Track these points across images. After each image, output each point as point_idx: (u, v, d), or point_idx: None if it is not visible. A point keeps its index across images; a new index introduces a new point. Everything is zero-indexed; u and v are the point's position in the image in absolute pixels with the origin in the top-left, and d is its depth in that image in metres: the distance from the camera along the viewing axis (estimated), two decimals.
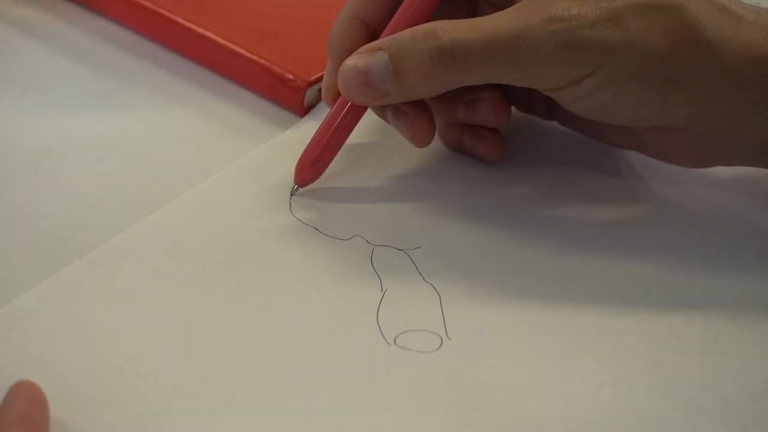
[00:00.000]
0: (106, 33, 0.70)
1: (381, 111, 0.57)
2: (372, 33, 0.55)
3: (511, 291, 0.51)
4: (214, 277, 0.51)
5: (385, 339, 0.49)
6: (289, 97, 0.63)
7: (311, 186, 0.56)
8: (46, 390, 0.44)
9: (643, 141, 0.55)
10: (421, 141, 0.55)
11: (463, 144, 0.58)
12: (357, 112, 0.56)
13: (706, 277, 0.52)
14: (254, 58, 0.64)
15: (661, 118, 0.51)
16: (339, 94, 0.55)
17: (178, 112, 0.63)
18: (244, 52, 0.64)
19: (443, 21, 0.51)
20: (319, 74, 0.62)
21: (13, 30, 0.70)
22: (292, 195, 0.56)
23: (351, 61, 0.52)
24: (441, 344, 0.49)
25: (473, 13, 0.57)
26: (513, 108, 0.58)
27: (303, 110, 0.63)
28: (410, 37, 0.51)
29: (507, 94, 0.57)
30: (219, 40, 0.65)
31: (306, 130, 0.59)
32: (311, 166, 0.56)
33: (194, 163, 0.59)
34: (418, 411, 0.46)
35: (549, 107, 0.58)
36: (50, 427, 0.44)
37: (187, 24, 0.66)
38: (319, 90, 0.63)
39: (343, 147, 0.56)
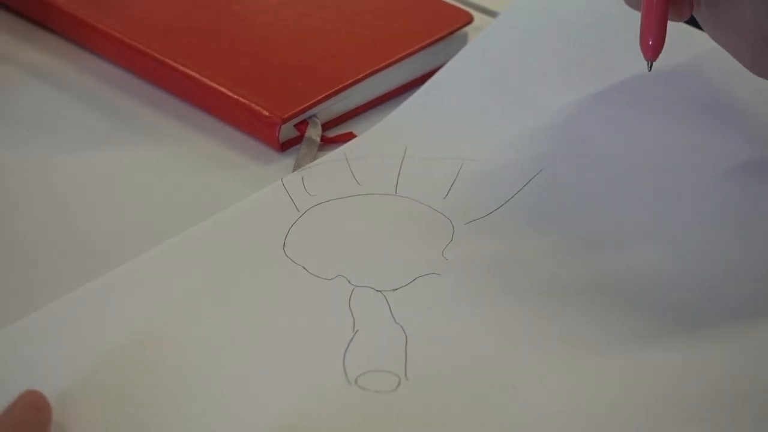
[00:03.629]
0: (105, 73, 0.66)
1: None
2: None
3: (478, 337, 0.47)
4: (197, 310, 0.48)
5: (347, 379, 0.45)
6: (266, 132, 0.59)
7: None
8: (53, 397, 0.43)
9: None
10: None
11: None
12: None
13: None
14: (235, 96, 0.60)
15: None
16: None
17: (167, 147, 0.60)
18: (226, 91, 0.61)
19: None
20: (295, 110, 0.59)
21: (18, 71, 0.67)
22: (649, 70, 0.52)
23: None
24: (398, 385, 0.44)
25: None
26: None
27: (279, 145, 0.59)
28: None
29: None
30: (204, 80, 0.62)
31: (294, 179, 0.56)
32: (656, 37, 0.51)
33: (182, 194, 0.57)
34: None
35: None
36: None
37: (176, 66, 0.63)
38: (294, 126, 0.60)
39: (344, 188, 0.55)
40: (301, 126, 0.59)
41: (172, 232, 0.52)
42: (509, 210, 0.54)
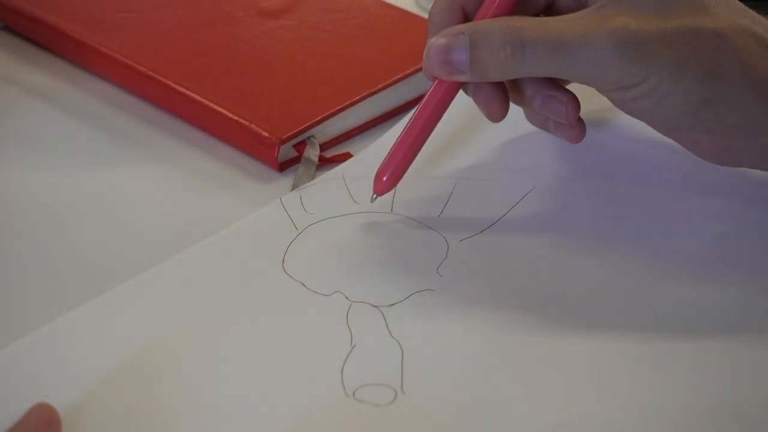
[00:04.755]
0: (107, 94, 0.67)
1: (462, 84, 0.54)
2: (467, 16, 0.54)
3: (473, 351, 0.47)
4: (201, 325, 0.48)
5: (345, 392, 0.45)
6: (265, 152, 0.60)
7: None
8: (63, 411, 0.43)
9: (677, 135, 0.54)
10: (494, 118, 0.55)
11: (549, 126, 0.57)
12: (428, 127, 0.54)
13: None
14: (235, 117, 0.61)
15: (692, 128, 0.51)
16: (399, 138, 0.54)
17: (169, 167, 0.61)
18: (226, 112, 0.62)
19: (520, 18, 0.51)
20: (293, 131, 0.60)
21: (24, 93, 0.68)
22: (371, 202, 0.55)
23: (436, 39, 0.52)
24: (395, 398, 0.45)
25: (550, 4, 0.55)
26: None
27: (278, 165, 0.60)
28: (490, 28, 0.50)
29: None
30: (203, 100, 0.63)
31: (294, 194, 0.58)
32: (389, 177, 0.54)
33: (183, 213, 0.57)
34: None
35: None
36: None
37: (178, 87, 0.64)
38: (293, 146, 0.61)
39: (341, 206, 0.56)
40: (300, 146, 0.60)
41: (174, 250, 0.53)
42: (502, 227, 0.55)
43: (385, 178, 0.54)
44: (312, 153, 0.60)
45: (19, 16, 0.71)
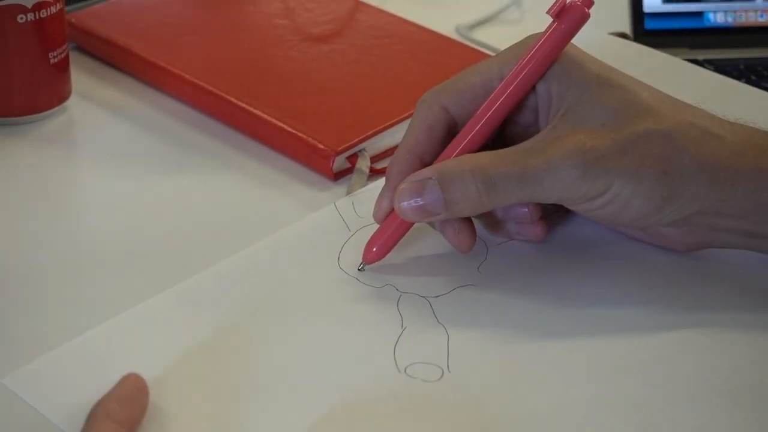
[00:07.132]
0: (174, 110, 0.73)
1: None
2: (425, 165, 0.56)
3: (509, 337, 0.53)
4: (269, 311, 0.55)
5: (398, 368, 0.51)
6: (321, 163, 0.66)
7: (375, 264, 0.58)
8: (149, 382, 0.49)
9: (644, 233, 0.58)
10: (464, 248, 0.57)
11: (509, 231, 0.59)
12: None
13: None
14: (292, 131, 0.67)
15: (658, 223, 0.55)
16: (389, 215, 0.57)
17: (230, 175, 0.67)
18: (286, 127, 0.67)
19: (483, 154, 0.54)
20: (347, 144, 0.66)
21: (98, 108, 0.73)
22: (359, 270, 0.57)
23: (404, 186, 0.55)
24: (442, 375, 0.51)
25: (500, 129, 0.57)
26: None
27: (332, 174, 0.66)
28: (458, 168, 0.54)
29: None
30: (264, 116, 0.68)
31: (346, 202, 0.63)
32: (378, 249, 0.57)
33: (247, 216, 0.63)
34: (416, 424, 0.49)
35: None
36: (147, 410, 0.48)
37: (238, 102, 0.70)
38: (346, 158, 0.66)
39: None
40: (352, 158, 0.66)
41: (239, 248, 0.59)
42: None
43: (374, 249, 0.58)
44: (363, 164, 0.66)
45: (93, 38, 0.77)
